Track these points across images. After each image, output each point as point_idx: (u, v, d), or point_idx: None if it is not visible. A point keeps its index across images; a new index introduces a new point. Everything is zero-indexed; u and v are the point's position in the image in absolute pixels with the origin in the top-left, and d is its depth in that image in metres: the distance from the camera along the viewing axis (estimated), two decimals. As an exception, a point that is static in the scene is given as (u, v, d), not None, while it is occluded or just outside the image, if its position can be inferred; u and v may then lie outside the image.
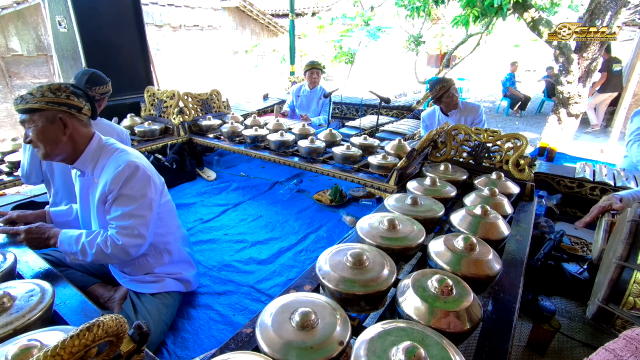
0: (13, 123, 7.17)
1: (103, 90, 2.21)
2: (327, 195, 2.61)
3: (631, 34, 8.10)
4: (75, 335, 0.61)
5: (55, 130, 1.29)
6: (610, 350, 0.57)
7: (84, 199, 1.47)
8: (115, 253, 1.31)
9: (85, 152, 1.38)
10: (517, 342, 1.27)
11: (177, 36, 9.69)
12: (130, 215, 1.32)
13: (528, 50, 13.59)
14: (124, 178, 1.32)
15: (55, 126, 1.29)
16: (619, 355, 0.55)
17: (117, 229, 1.32)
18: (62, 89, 1.29)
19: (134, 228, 1.32)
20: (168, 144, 2.91)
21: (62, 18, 3.26)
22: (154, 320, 1.39)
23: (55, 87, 1.28)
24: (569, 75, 5.20)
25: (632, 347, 0.56)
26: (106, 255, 1.31)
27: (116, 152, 1.40)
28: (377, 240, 1.14)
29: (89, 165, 1.40)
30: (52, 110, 1.27)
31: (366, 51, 12.24)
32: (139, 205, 1.34)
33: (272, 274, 1.87)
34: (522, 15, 5.58)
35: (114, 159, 1.36)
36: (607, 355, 0.57)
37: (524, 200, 1.79)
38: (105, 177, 1.34)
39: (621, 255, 1.05)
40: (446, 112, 3.02)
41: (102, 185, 1.35)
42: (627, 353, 0.55)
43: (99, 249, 1.31)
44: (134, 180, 1.34)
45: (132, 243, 1.32)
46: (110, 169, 1.34)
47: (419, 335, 0.76)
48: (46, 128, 1.27)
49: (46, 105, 1.25)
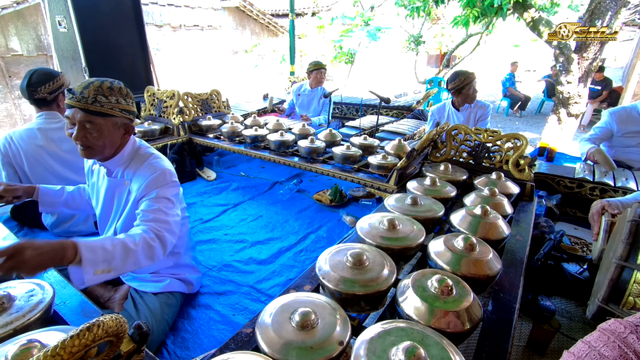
0: (13, 123, 7.17)
1: (52, 87, 1.99)
2: (327, 195, 2.61)
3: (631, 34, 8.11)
4: (75, 335, 0.61)
5: (116, 134, 1.30)
6: (586, 342, 0.59)
7: (109, 198, 1.46)
8: (158, 247, 1.20)
9: (120, 153, 1.37)
10: (517, 342, 1.28)
11: (177, 36, 9.69)
12: (166, 213, 1.29)
13: (528, 50, 13.60)
14: (161, 182, 1.32)
15: (119, 131, 1.30)
16: (592, 347, 0.58)
17: (155, 222, 1.23)
18: (129, 95, 1.31)
19: (169, 224, 1.28)
20: (168, 144, 2.91)
21: (62, 18, 3.26)
22: (156, 319, 1.39)
23: (125, 92, 1.29)
24: (569, 75, 5.21)
25: (605, 337, 0.58)
26: (152, 249, 1.17)
27: (151, 157, 1.39)
28: (377, 240, 1.14)
29: (121, 166, 1.39)
30: (122, 117, 1.28)
31: (366, 51, 12.24)
32: (172, 207, 1.34)
33: (272, 274, 1.87)
34: (522, 15, 5.58)
35: (148, 165, 1.35)
36: (582, 347, 0.59)
37: (524, 200, 1.79)
38: (139, 181, 1.33)
39: (621, 255, 1.05)
40: (460, 105, 3.02)
41: (135, 189, 1.34)
42: (600, 344, 0.57)
43: (145, 241, 1.15)
44: (169, 186, 1.35)
45: (169, 238, 1.26)
46: (146, 173, 1.33)
47: (418, 335, 0.76)
48: (109, 132, 1.27)
49: (120, 113, 1.26)
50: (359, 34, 11.00)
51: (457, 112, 3.03)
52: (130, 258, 1.10)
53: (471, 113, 3.02)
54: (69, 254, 0.96)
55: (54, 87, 2.01)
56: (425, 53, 15.17)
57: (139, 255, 1.13)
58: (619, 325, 0.58)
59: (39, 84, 1.96)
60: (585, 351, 0.57)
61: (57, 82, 2.02)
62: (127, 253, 1.09)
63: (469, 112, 3.02)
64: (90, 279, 1.01)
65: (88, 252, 0.99)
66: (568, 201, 2.18)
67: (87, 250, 0.99)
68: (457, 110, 3.03)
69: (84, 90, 1.20)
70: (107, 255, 1.03)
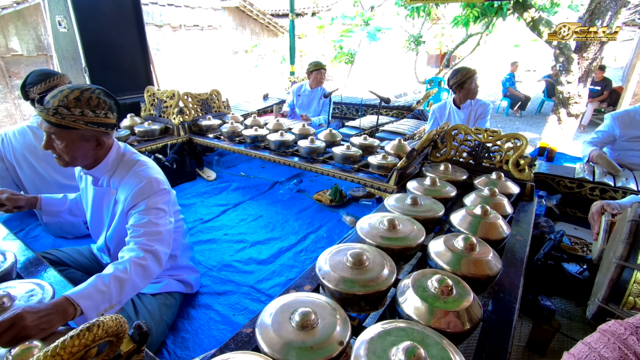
0: (13, 123, 7.16)
1: (44, 88, 1.97)
2: (327, 195, 2.61)
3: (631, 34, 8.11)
4: (75, 335, 0.61)
5: (86, 147, 1.24)
6: (586, 344, 0.59)
7: (97, 207, 1.44)
8: (151, 263, 1.18)
9: (104, 161, 1.34)
10: (517, 342, 1.27)
11: (177, 36, 9.69)
12: (157, 223, 1.27)
13: (528, 50, 13.59)
14: (147, 192, 1.28)
15: (88, 143, 1.24)
16: (593, 348, 0.57)
17: (145, 236, 1.22)
18: (101, 106, 1.20)
19: (161, 234, 1.26)
20: (168, 144, 2.91)
21: (62, 18, 3.25)
22: (155, 320, 1.39)
23: (95, 102, 1.19)
24: (569, 75, 5.21)
25: (605, 339, 0.57)
26: (145, 269, 1.15)
27: (136, 164, 1.35)
28: (377, 240, 1.14)
29: (106, 174, 1.36)
30: (90, 130, 1.20)
31: (366, 51, 12.25)
32: (164, 215, 1.31)
33: (272, 274, 1.87)
34: (522, 15, 5.58)
35: (134, 173, 1.32)
36: (583, 348, 0.59)
37: (524, 200, 1.79)
38: (125, 192, 1.31)
39: (621, 255, 1.05)
40: (462, 102, 3.02)
41: (122, 200, 1.31)
42: (601, 345, 0.57)
43: (135, 265, 1.13)
44: (158, 195, 1.31)
45: (162, 249, 1.24)
46: (131, 184, 1.30)
47: (419, 335, 0.76)
48: (78, 145, 1.22)
49: (85, 126, 1.18)
50: (359, 34, 11.01)
51: (458, 110, 3.03)
52: (127, 287, 1.09)
53: (472, 111, 3.02)
54: (69, 311, 0.93)
55: (46, 87, 1.98)
56: (425, 53, 15.17)
57: (134, 281, 1.12)
58: (619, 327, 0.58)
59: (32, 84, 1.96)
60: (586, 352, 0.57)
61: (50, 83, 2.00)
62: (122, 284, 1.08)
63: (469, 110, 3.02)
64: None
65: (86, 301, 0.97)
66: (568, 201, 2.18)
67: (84, 300, 0.97)
68: (458, 108, 3.03)
69: (50, 100, 1.15)
70: (104, 297, 1.02)
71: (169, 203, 1.37)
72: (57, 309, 0.90)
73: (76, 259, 1.57)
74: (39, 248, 1.79)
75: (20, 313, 0.83)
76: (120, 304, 1.09)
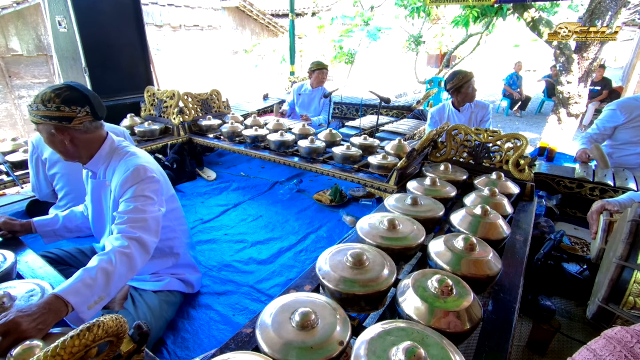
0: (13, 123, 7.17)
1: None
2: (327, 195, 2.61)
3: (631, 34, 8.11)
4: (75, 335, 0.61)
5: (57, 140, 1.28)
6: (591, 350, 0.58)
7: (96, 200, 1.46)
8: (136, 251, 1.18)
9: (97, 155, 1.37)
10: (517, 342, 1.27)
11: (177, 36, 9.69)
12: (143, 210, 1.27)
13: (528, 50, 13.59)
14: (135, 180, 1.30)
15: (57, 137, 1.27)
16: (598, 355, 0.56)
17: (129, 223, 1.23)
18: (52, 99, 1.21)
19: (146, 221, 1.26)
20: (168, 143, 2.91)
21: (62, 18, 3.25)
22: (154, 315, 1.39)
23: (47, 96, 1.21)
24: (569, 75, 5.21)
25: (611, 346, 0.56)
26: (130, 258, 1.16)
27: (126, 155, 1.38)
28: (377, 240, 1.14)
29: (101, 167, 1.39)
30: (44, 124, 1.24)
31: (366, 51, 12.24)
32: (152, 203, 1.31)
33: (272, 274, 1.87)
34: (522, 15, 5.58)
35: (124, 162, 1.35)
36: (587, 355, 0.57)
37: (524, 200, 1.79)
38: (115, 180, 1.33)
39: (621, 255, 1.04)
40: (460, 105, 3.00)
41: (113, 189, 1.34)
42: (606, 352, 0.55)
43: (120, 255, 1.13)
44: (145, 182, 1.31)
45: (147, 237, 1.24)
46: (120, 172, 1.32)
47: (419, 335, 0.76)
48: (50, 138, 1.28)
49: (41, 120, 1.23)
50: (359, 34, 11.00)
51: (458, 112, 3.02)
52: (114, 278, 1.09)
53: (472, 113, 3.01)
54: (62, 309, 0.94)
55: None
56: (425, 53, 15.16)
57: (121, 271, 1.12)
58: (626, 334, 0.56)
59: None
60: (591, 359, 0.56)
61: None
62: (109, 276, 1.08)
63: (470, 113, 3.01)
64: (88, 314, 1.01)
65: (75, 297, 0.97)
66: (568, 201, 2.18)
67: (73, 296, 0.97)
68: (458, 110, 3.02)
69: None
70: (92, 290, 1.03)
71: (158, 191, 1.36)
72: (50, 308, 0.91)
73: (78, 258, 1.58)
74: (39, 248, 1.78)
75: (13, 319, 0.83)
76: (109, 296, 1.09)
